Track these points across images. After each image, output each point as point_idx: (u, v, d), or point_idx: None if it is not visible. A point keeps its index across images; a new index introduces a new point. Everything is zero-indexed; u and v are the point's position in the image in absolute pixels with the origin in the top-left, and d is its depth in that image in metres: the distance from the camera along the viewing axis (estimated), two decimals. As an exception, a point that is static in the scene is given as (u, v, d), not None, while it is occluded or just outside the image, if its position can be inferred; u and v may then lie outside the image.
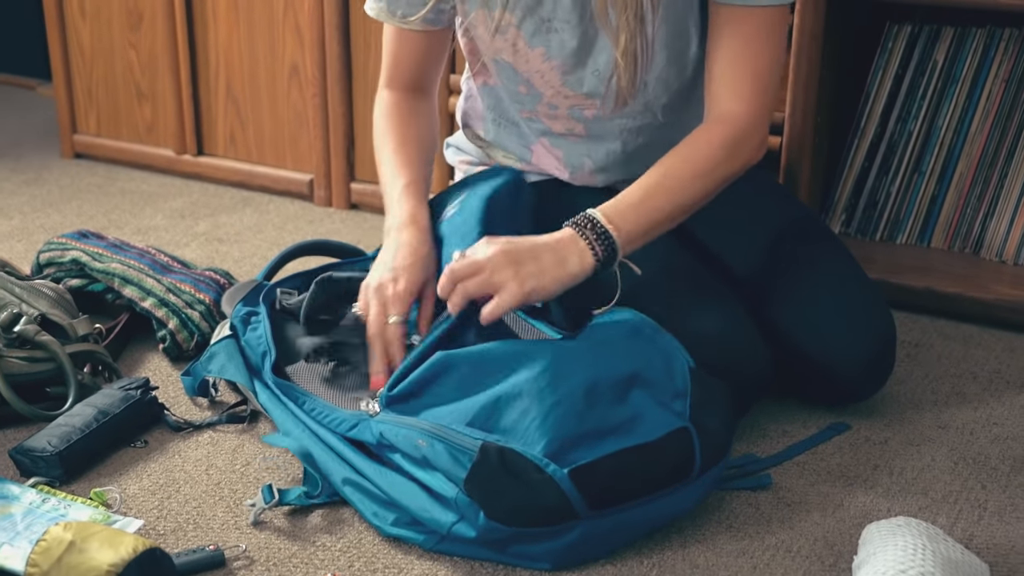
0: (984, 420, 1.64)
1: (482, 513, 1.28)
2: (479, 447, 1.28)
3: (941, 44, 2.05)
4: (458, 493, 1.29)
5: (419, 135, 1.67)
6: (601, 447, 1.30)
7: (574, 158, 1.68)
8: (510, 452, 1.28)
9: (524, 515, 1.27)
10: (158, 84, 2.55)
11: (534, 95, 1.62)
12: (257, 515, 1.39)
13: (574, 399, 1.33)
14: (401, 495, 1.35)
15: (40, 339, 1.61)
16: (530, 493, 1.26)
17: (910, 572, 1.18)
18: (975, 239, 2.03)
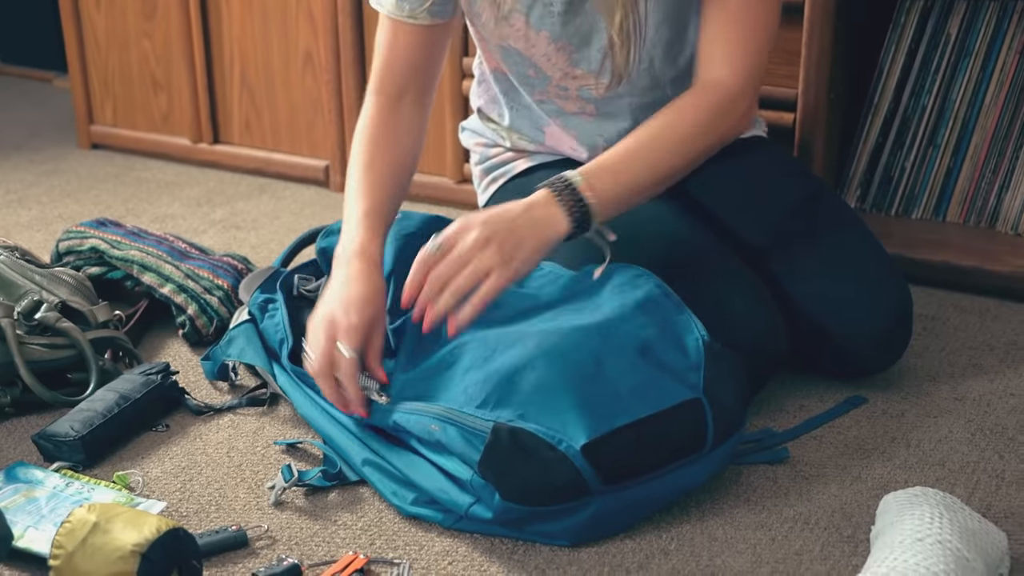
0: (1001, 391, 1.64)
1: (497, 494, 1.29)
2: (491, 428, 1.29)
3: (954, 17, 2.05)
4: (473, 475, 1.30)
5: (394, 156, 1.56)
6: (612, 419, 1.30)
7: (588, 138, 1.68)
8: (522, 431, 1.29)
9: (538, 494, 1.28)
10: (173, 73, 2.57)
11: (543, 78, 1.63)
12: (277, 495, 1.40)
13: (585, 369, 1.34)
14: (419, 476, 1.36)
15: (61, 326, 1.62)
16: (543, 471, 1.27)
17: (927, 540, 1.19)
18: (990, 212, 2.03)
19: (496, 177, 1.78)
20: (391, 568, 1.29)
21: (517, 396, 1.33)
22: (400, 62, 1.58)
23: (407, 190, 1.60)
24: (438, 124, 2.32)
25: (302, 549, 1.32)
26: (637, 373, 1.35)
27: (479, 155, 1.82)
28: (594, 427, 1.29)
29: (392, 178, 1.55)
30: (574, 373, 1.34)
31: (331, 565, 1.29)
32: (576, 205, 1.39)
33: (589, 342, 1.37)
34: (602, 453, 1.28)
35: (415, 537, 1.34)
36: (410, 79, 1.59)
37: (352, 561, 1.29)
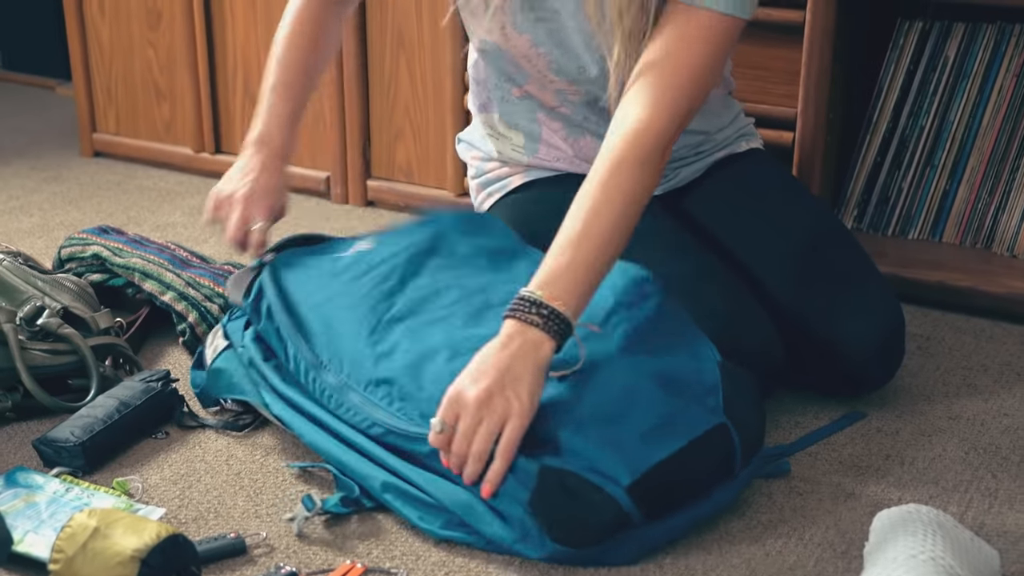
0: (995, 411, 1.65)
1: (547, 536, 1.29)
2: (537, 471, 1.29)
3: (952, 40, 2.07)
4: (523, 514, 1.30)
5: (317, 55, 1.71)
6: (650, 455, 1.31)
7: (574, 129, 1.70)
8: (568, 475, 1.29)
9: (587, 535, 1.29)
10: (176, 83, 2.58)
11: (523, 74, 1.66)
12: (300, 526, 1.37)
13: (616, 403, 1.34)
14: (456, 506, 1.34)
15: (63, 332, 1.63)
16: (592, 514, 1.28)
17: (921, 557, 1.20)
18: (986, 233, 2.05)
19: (492, 192, 1.79)
20: (388, 577, 1.30)
21: (554, 430, 1.33)
22: None
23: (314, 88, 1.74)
24: (439, 137, 2.34)
25: (300, 557, 1.33)
26: (664, 403, 1.36)
27: (475, 169, 1.83)
28: (634, 465, 1.30)
29: (309, 81, 1.70)
30: (607, 408, 1.34)
31: (329, 573, 1.29)
32: (550, 319, 1.34)
33: (616, 374, 1.37)
34: (643, 490, 1.29)
35: (412, 547, 1.35)
36: None
37: (349, 570, 1.30)
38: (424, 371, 1.42)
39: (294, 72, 1.70)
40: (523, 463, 1.30)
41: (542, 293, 1.35)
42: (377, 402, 1.42)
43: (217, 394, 1.59)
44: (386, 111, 2.37)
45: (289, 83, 1.69)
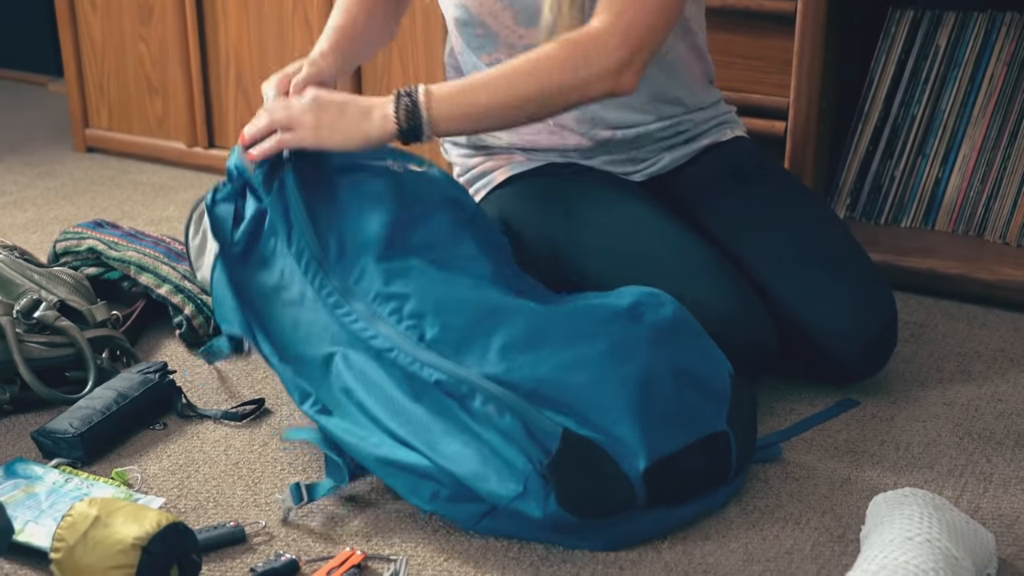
0: (989, 397, 1.67)
1: (553, 498, 1.29)
2: (560, 433, 1.29)
3: (943, 29, 2.08)
4: (531, 471, 1.29)
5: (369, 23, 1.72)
6: (666, 443, 1.32)
7: None
8: (590, 443, 1.30)
9: (593, 507, 1.30)
10: (169, 78, 2.58)
11: (491, 36, 1.66)
12: (287, 514, 1.38)
13: (638, 383, 1.35)
14: (452, 460, 1.32)
15: (60, 324, 1.63)
16: (603, 486, 1.29)
17: (917, 539, 1.21)
18: (979, 221, 2.06)
19: (478, 189, 1.80)
20: (388, 564, 1.31)
21: (575, 397, 1.33)
22: None
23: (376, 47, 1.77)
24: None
25: (299, 545, 1.34)
26: (680, 396, 1.37)
27: (460, 166, 1.84)
28: (651, 449, 1.31)
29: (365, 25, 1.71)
30: (630, 386, 1.34)
31: (328, 561, 1.30)
32: (409, 113, 1.45)
33: (640, 355, 1.37)
34: (656, 478, 1.30)
35: (412, 534, 1.36)
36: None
37: (349, 557, 1.30)
38: (440, 294, 1.41)
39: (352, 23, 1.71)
40: (543, 421, 1.30)
41: (423, 95, 1.46)
42: (385, 317, 1.41)
43: (222, 323, 1.52)
44: (379, 104, 2.37)
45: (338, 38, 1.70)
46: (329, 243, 1.47)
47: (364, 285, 1.44)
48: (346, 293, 1.44)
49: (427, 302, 1.41)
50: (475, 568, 1.30)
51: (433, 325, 1.39)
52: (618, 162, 1.75)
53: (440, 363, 1.36)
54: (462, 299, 1.42)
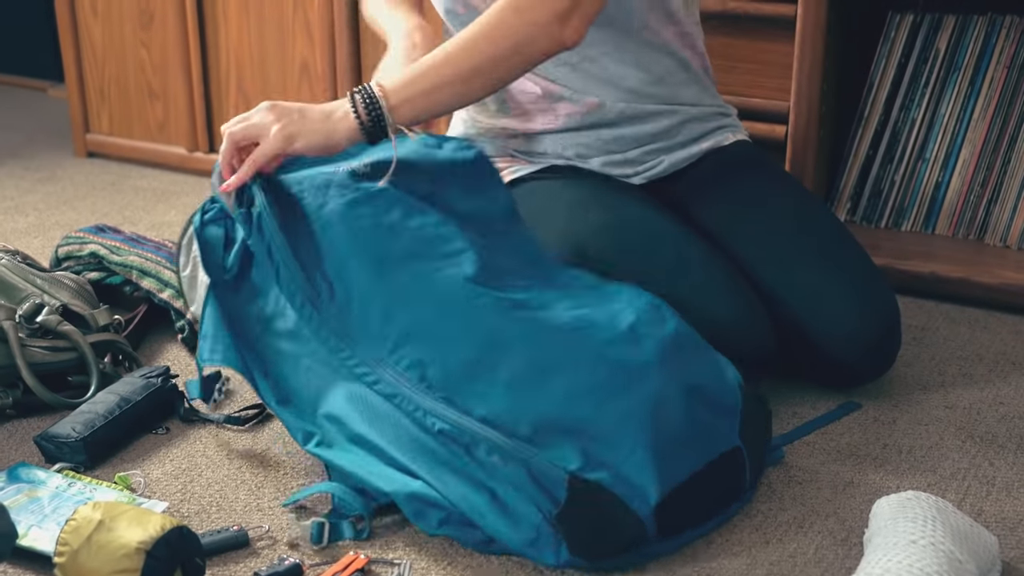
0: (991, 400, 1.67)
1: (565, 547, 1.28)
2: (566, 481, 1.27)
3: (943, 33, 2.08)
4: (541, 520, 1.28)
5: None
6: (677, 470, 1.31)
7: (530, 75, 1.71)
8: (598, 489, 1.28)
9: (605, 549, 1.29)
10: (170, 83, 2.58)
11: (470, 12, 1.67)
12: (295, 540, 1.35)
13: (646, 410, 1.32)
14: (462, 501, 1.32)
15: (62, 329, 1.64)
16: (614, 529, 1.28)
17: (921, 542, 1.21)
18: (979, 225, 2.06)
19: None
20: (391, 568, 1.31)
21: (581, 431, 1.31)
22: None
23: None
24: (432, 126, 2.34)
25: (303, 549, 1.34)
26: (691, 417, 1.34)
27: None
28: (662, 480, 1.29)
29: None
30: (637, 416, 1.32)
31: (332, 565, 1.30)
32: (368, 106, 1.45)
33: (648, 381, 1.34)
34: (666, 511, 1.29)
35: (415, 538, 1.36)
36: None
37: (353, 561, 1.30)
38: (437, 328, 1.37)
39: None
40: (549, 468, 1.28)
41: (377, 83, 1.46)
42: (386, 358, 1.37)
43: (203, 361, 1.46)
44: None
45: None
46: (319, 283, 1.41)
47: (361, 324, 1.39)
48: (345, 336, 1.40)
49: (425, 339, 1.37)
50: (477, 572, 1.30)
51: (433, 363, 1.36)
52: (616, 164, 1.75)
53: (443, 412, 1.33)
54: (458, 330, 1.37)
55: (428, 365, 1.36)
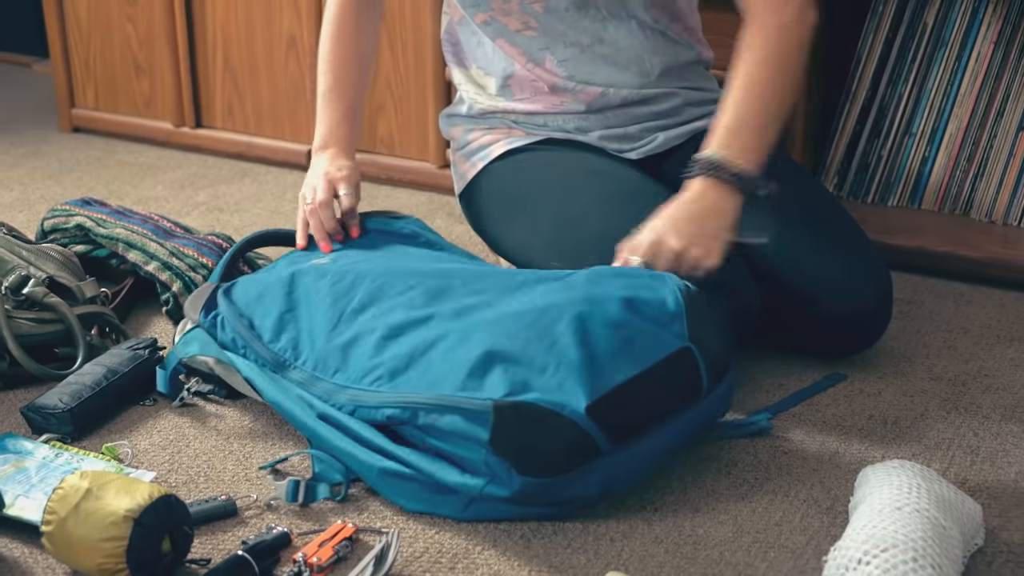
0: (975, 372, 1.68)
1: (514, 470, 1.29)
2: (491, 407, 1.30)
3: (930, 8, 2.09)
4: (486, 455, 1.30)
5: (362, 52, 1.78)
6: (608, 379, 1.32)
7: (535, 53, 1.72)
8: (523, 404, 1.30)
9: (553, 463, 1.29)
10: (156, 57, 2.57)
11: (495, 19, 1.68)
12: (271, 502, 1.37)
13: (570, 334, 1.35)
14: (428, 465, 1.34)
15: (48, 301, 1.63)
16: (553, 439, 1.29)
17: (906, 509, 1.21)
18: (965, 200, 2.07)
19: (475, 162, 1.81)
20: (379, 537, 1.31)
21: (507, 370, 1.34)
22: None
23: (366, 89, 1.83)
24: (421, 110, 2.34)
25: (291, 519, 1.34)
26: (623, 330, 1.37)
27: (458, 141, 1.84)
28: (592, 389, 1.31)
29: (361, 76, 1.79)
30: (561, 339, 1.35)
31: (320, 534, 1.30)
32: (735, 176, 1.50)
33: (570, 308, 1.38)
34: (606, 413, 1.30)
35: (401, 509, 1.36)
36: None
37: (340, 530, 1.30)
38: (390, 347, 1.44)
39: (341, 70, 1.77)
40: (474, 404, 1.31)
41: (723, 154, 1.51)
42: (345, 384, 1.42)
43: (187, 355, 1.55)
44: (367, 84, 2.37)
45: (338, 82, 1.76)
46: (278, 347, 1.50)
47: (323, 367, 1.46)
48: (309, 382, 1.45)
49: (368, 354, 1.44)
50: (466, 540, 1.31)
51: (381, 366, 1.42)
52: (614, 138, 1.75)
53: (389, 399, 1.37)
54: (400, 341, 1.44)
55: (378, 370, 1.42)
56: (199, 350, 1.54)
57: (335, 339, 1.46)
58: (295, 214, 2.20)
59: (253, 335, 1.51)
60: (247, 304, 1.55)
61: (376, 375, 1.40)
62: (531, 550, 1.30)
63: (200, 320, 1.56)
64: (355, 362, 1.43)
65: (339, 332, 1.47)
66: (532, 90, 1.75)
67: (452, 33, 1.81)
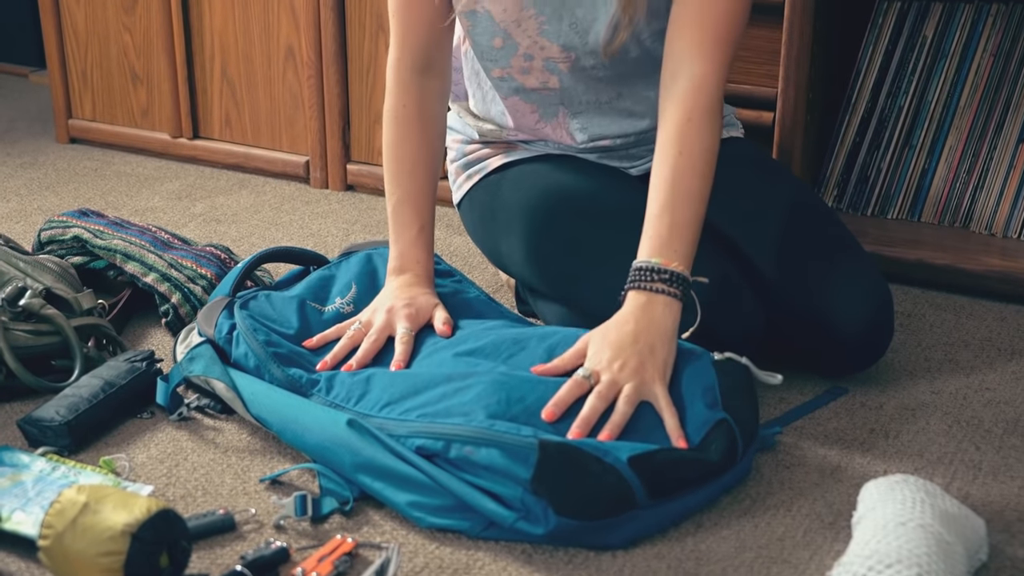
0: (976, 386, 1.67)
1: (551, 510, 1.28)
2: (536, 445, 1.28)
3: (930, 20, 2.08)
4: (523, 492, 1.28)
5: (430, 151, 1.66)
6: (653, 441, 1.34)
7: (548, 108, 1.72)
8: (568, 446, 1.30)
9: (591, 507, 1.28)
10: (153, 68, 2.57)
11: (510, 46, 1.65)
12: (279, 520, 1.35)
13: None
14: (454, 486, 1.32)
15: (45, 312, 1.62)
16: (595, 484, 1.28)
17: (909, 524, 1.21)
18: (964, 212, 2.06)
19: (471, 174, 1.80)
20: (379, 552, 1.30)
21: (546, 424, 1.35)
22: (416, 31, 1.64)
23: (437, 182, 1.69)
24: (419, 120, 2.34)
25: (289, 533, 1.33)
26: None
27: (455, 151, 1.84)
28: (633, 447, 1.32)
29: (429, 181, 1.66)
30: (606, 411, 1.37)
31: (319, 549, 1.29)
32: (672, 282, 1.44)
33: None
34: (647, 467, 1.30)
35: (403, 522, 1.35)
36: (429, 45, 1.65)
37: (340, 545, 1.29)
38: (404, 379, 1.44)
39: (414, 182, 1.66)
40: (518, 440, 1.29)
41: (657, 260, 1.45)
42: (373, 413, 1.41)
43: (190, 373, 1.54)
44: (365, 95, 2.37)
45: (408, 197, 1.65)
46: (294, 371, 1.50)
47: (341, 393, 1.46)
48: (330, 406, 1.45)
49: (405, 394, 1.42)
50: (467, 555, 1.30)
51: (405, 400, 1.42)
52: (614, 157, 1.75)
53: (418, 428, 1.35)
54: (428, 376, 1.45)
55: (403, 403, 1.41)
56: (203, 369, 1.53)
57: (358, 373, 1.47)
58: (293, 225, 2.21)
59: (269, 355, 1.50)
60: (266, 322, 1.55)
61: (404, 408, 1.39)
62: (532, 565, 1.29)
63: (214, 334, 1.56)
64: (378, 390, 1.42)
65: (361, 369, 1.49)
66: (533, 133, 1.75)
67: (456, 59, 1.79)
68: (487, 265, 2.03)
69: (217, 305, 1.60)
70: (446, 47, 1.67)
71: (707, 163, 1.50)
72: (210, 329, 1.56)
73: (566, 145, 1.75)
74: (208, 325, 1.57)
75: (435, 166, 1.67)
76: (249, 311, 1.57)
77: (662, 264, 1.44)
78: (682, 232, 1.47)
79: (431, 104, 1.66)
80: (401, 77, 1.66)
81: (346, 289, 1.65)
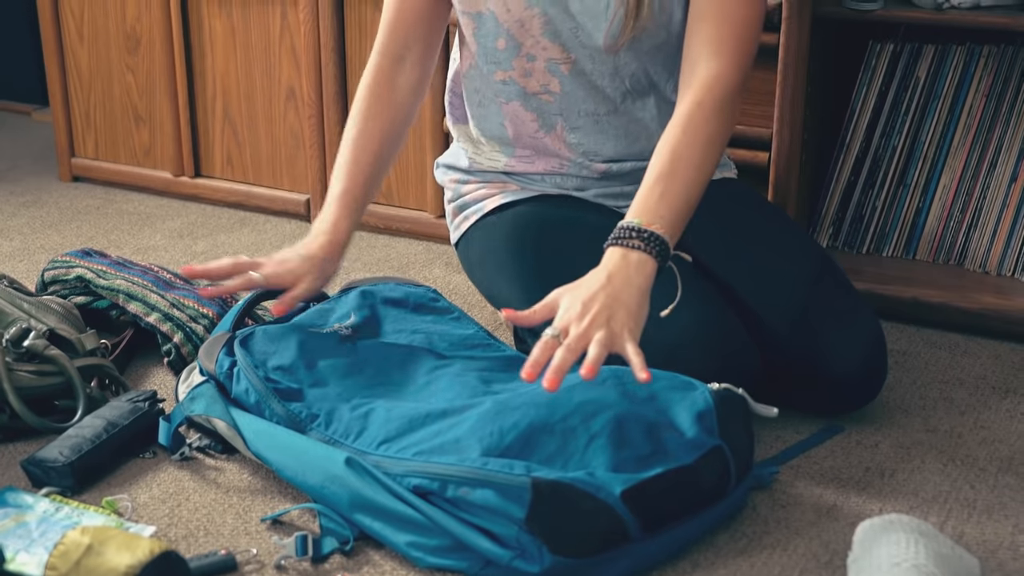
0: (971, 424, 1.68)
1: (546, 549, 1.29)
2: (529, 484, 1.29)
3: (923, 61, 2.11)
4: (519, 531, 1.29)
5: (383, 125, 1.72)
6: (644, 471, 1.35)
7: (547, 118, 1.74)
8: (561, 484, 1.30)
9: (585, 545, 1.29)
10: (156, 107, 2.59)
11: (512, 47, 1.68)
12: (280, 560, 1.36)
13: (607, 431, 1.39)
14: (457, 528, 1.33)
15: (49, 353, 1.64)
16: (587, 521, 1.29)
17: (904, 565, 1.22)
18: (959, 251, 2.08)
19: (468, 215, 1.82)
20: (379, 592, 1.31)
21: (540, 451, 1.36)
22: (405, 23, 1.73)
23: (398, 149, 1.76)
24: (419, 160, 2.36)
25: (291, 573, 1.34)
26: (654, 439, 1.40)
27: (452, 192, 1.86)
28: (627, 478, 1.33)
29: (375, 152, 1.71)
30: (599, 439, 1.38)
31: (320, 589, 1.30)
32: (650, 241, 1.44)
33: (609, 410, 1.42)
34: (639, 500, 1.31)
35: (402, 561, 1.36)
36: (412, 38, 1.73)
37: (340, 585, 1.31)
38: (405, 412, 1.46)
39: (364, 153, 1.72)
40: (512, 479, 1.31)
41: (640, 220, 1.46)
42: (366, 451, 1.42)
43: (191, 412, 1.55)
44: (366, 134, 2.39)
45: (359, 164, 1.71)
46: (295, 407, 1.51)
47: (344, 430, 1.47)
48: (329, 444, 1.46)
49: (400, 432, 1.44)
50: (466, 595, 1.31)
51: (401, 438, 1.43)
52: (611, 195, 1.77)
53: (414, 467, 1.36)
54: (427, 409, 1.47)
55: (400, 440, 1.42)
56: (205, 408, 1.54)
57: (357, 408, 1.48)
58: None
59: (269, 391, 1.51)
60: (265, 357, 1.56)
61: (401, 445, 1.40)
62: (531, 605, 1.30)
63: (215, 370, 1.57)
64: (375, 426, 1.44)
65: (359, 403, 1.49)
66: (534, 150, 1.77)
67: (456, 84, 1.82)
68: (486, 304, 2.05)
69: (218, 341, 1.61)
70: (433, 43, 1.75)
71: (709, 149, 1.52)
72: (211, 364, 1.58)
73: (563, 177, 1.76)
74: (209, 361, 1.59)
75: (390, 149, 1.73)
76: (248, 347, 1.58)
77: (643, 225, 1.45)
78: (671, 202, 1.48)
79: (403, 93, 1.74)
80: (382, 63, 1.74)
81: (345, 318, 1.67)
